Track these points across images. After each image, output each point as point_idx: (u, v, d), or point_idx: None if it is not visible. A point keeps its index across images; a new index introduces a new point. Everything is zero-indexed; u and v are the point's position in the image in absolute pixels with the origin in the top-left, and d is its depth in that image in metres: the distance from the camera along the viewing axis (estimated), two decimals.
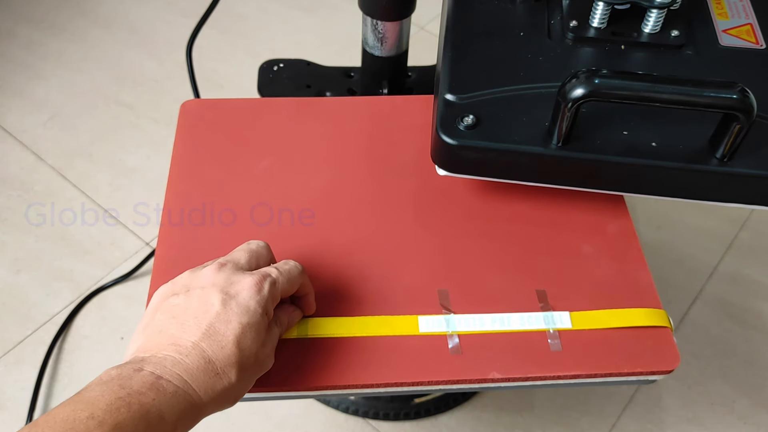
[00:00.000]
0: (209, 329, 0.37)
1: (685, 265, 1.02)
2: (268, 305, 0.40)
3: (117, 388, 0.34)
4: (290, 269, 0.42)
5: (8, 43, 1.28)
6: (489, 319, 0.46)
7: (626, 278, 0.49)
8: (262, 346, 0.39)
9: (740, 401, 0.89)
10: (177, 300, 0.39)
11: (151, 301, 0.41)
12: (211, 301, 0.38)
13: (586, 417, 0.87)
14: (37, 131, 1.14)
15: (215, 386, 0.37)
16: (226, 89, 1.22)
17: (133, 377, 0.35)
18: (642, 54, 0.52)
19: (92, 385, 0.34)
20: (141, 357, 0.37)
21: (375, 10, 0.61)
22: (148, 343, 0.38)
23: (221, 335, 0.37)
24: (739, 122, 0.43)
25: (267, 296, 0.40)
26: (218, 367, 0.37)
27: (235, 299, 0.38)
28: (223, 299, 0.38)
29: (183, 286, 0.40)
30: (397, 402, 0.85)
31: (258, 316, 0.39)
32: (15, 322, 0.92)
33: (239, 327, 0.38)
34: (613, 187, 0.49)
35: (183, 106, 0.59)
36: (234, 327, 0.38)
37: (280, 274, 0.41)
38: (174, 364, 0.36)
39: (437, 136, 0.47)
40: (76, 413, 0.32)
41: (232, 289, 0.39)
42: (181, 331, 0.37)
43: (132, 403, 0.33)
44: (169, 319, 0.38)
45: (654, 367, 0.45)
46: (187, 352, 0.36)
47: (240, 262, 0.42)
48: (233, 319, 0.38)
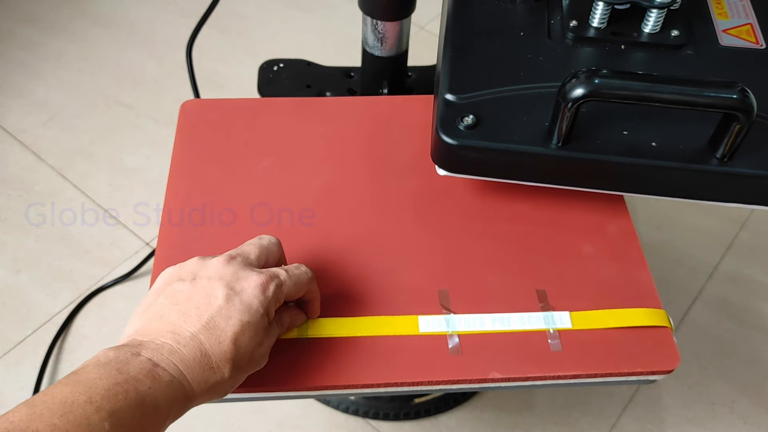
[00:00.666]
0: (209, 322, 0.37)
1: (685, 265, 1.02)
2: (270, 306, 0.40)
3: (115, 372, 0.34)
4: (300, 274, 0.42)
5: (8, 43, 1.28)
6: (489, 319, 0.46)
7: (626, 278, 0.49)
8: (259, 345, 0.39)
9: (740, 401, 0.89)
10: (182, 286, 0.39)
11: (156, 282, 0.41)
12: (215, 293, 0.38)
13: (586, 417, 0.87)
14: (37, 131, 1.14)
15: (208, 379, 0.37)
16: (226, 89, 1.22)
17: (130, 362, 0.35)
18: (642, 54, 0.52)
19: (90, 366, 0.34)
20: (139, 341, 0.37)
21: (375, 10, 0.62)
22: (148, 326, 0.38)
23: (220, 330, 0.37)
24: (739, 122, 0.43)
25: (271, 298, 0.40)
26: (213, 362, 0.37)
27: (239, 296, 0.38)
28: (227, 294, 0.38)
29: (190, 273, 0.40)
30: (397, 402, 0.85)
31: (259, 316, 0.39)
32: (15, 322, 0.92)
33: (239, 325, 0.38)
34: (613, 187, 0.49)
35: (183, 106, 0.59)
36: (234, 324, 0.38)
37: (288, 277, 0.41)
38: (171, 352, 0.36)
39: (437, 136, 0.47)
40: (75, 395, 0.32)
41: (238, 285, 0.39)
42: (181, 320, 0.37)
43: (129, 390, 0.33)
44: (171, 305, 0.38)
45: (654, 367, 0.45)
46: (185, 342, 0.37)
47: (250, 257, 0.42)
48: (234, 316, 0.38)
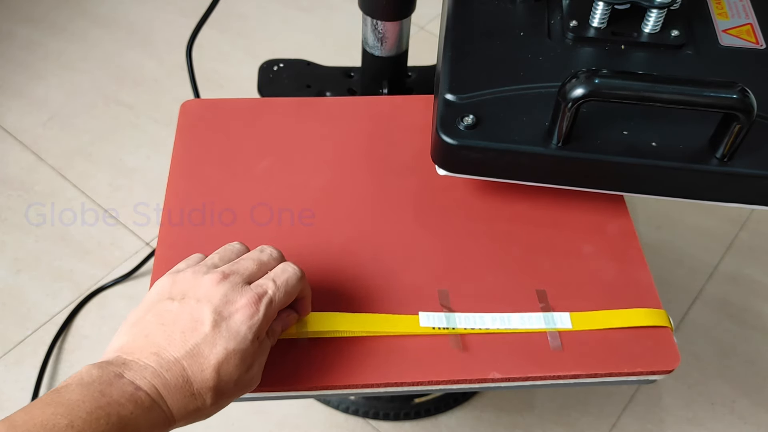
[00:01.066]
0: (194, 349, 0.36)
1: (685, 265, 1.02)
2: (261, 329, 0.38)
3: (98, 395, 0.34)
4: (288, 278, 0.41)
5: (8, 43, 1.28)
6: (489, 319, 0.46)
7: (626, 278, 0.49)
8: (246, 371, 0.38)
9: (740, 401, 0.89)
10: (170, 306, 0.38)
11: (148, 295, 0.40)
12: (201, 318, 0.37)
13: (586, 417, 0.87)
14: (37, 131, 1.14)
15: (188, 406, 0.36)
16: (226, 89, 1.22)
17: (113, 384, 0.34)
18: (642, 54, 0.52)
19: (73, 385, 0.34)
20: (123, 359, 0.36)
21: (375, 10, 0.62)
22: (133, 344, 0.37)
23: (204, 357, 0.36)
24: (739, 122, 0.43)
25: (261, 319, 0.38)
26: (195, 389, 0.36)
27: (226, 321, 0.37)
28: (214, 320, 0.37)
29: (180, 292, 0.39)
30: (397, 402, 0.85)
31: (247, 342, 0.37)
32: (15, 322, 0.92)
33: (224, 353, 0.37)
34: (613, 187, 0.49)
35: (183, 106, 0.59)
36: (218, 352, 0.37)
37: (277, 288, 0.40)
38: (154, 376, 0.36)
39: (437, 136, 0.47)
40: (56, 418, 0.32)
41: (227, 309, 0.38)
42: (166, 343, 0.37)
43: (111, 414, 0.33)
44: (158, 324, 0.38)
45: (654, 367, 0.45)
46: (168, 366, 0.36)
47: (245, 274, 0.40)
48: (219, 344, 0.37)
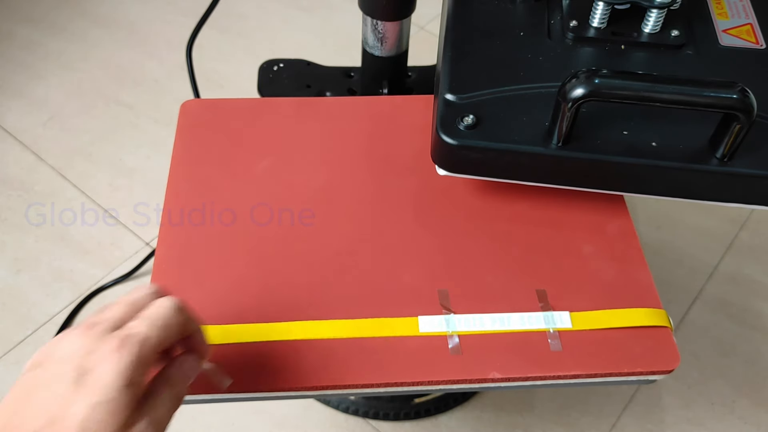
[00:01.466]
0: (52, 418, 0.32)
1: (685, 265, 1.02)
2: (135, 374, 0.33)
3: None
4: (159, 313, 0.36)
5: (8, 43, 1.28)
6: (489, 319, 0.46)
7: (626, 278, 0.49)
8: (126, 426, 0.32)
9: (740, 401, 0.89)
10: (32, 374, 0.34)
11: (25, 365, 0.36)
12: (61, 378, 0.33)
13: (586, 417, 0.87)
14: (37, 131, 1.14)
15: None
16: (226, 89, 1.22)
17: None
18: (642, 54, 0.52)
19: None
20: None
21: (375, 10, 0.61)
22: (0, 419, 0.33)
23: (65, 421, 0.31)
24: (739, 122, 0.43)
25: (133, 362, 0.33)
26: None
27: (90, 374, 0.32)
28: (75, 377, 0.32)
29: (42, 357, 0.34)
30: (397, 402, 0.85)
31: (115, 391, 0.32)
32: (15, 322, 0.92)
33: (86, 410, 0.32)
34: (613, 187, 0.49)
35: (183, 106, 0.59)
36: (79, 410, 0.32)
37: (149, 326, 0.35)
38: None
39: (437, 136, 0.47)
40: None
41: (89, 361, 0.33)
42: (22, 418, 0.32)
43: None
44: (21, 397, 0.33)
45: (654, 367, 0.45)
46: None
47: (112, 320, 0.35)
48: (80, 401, 0.32)
